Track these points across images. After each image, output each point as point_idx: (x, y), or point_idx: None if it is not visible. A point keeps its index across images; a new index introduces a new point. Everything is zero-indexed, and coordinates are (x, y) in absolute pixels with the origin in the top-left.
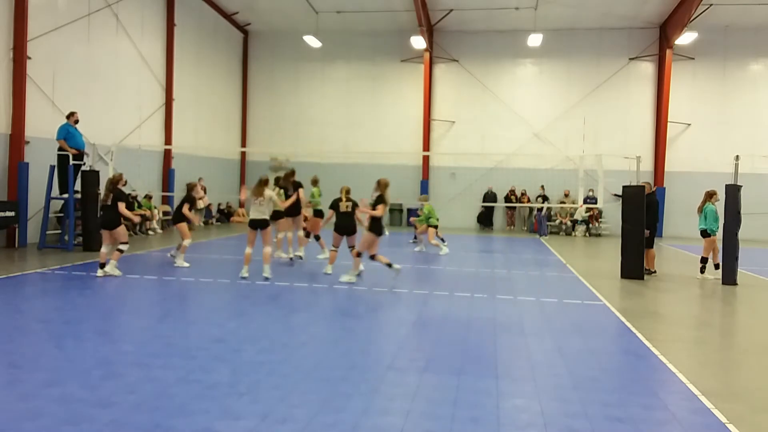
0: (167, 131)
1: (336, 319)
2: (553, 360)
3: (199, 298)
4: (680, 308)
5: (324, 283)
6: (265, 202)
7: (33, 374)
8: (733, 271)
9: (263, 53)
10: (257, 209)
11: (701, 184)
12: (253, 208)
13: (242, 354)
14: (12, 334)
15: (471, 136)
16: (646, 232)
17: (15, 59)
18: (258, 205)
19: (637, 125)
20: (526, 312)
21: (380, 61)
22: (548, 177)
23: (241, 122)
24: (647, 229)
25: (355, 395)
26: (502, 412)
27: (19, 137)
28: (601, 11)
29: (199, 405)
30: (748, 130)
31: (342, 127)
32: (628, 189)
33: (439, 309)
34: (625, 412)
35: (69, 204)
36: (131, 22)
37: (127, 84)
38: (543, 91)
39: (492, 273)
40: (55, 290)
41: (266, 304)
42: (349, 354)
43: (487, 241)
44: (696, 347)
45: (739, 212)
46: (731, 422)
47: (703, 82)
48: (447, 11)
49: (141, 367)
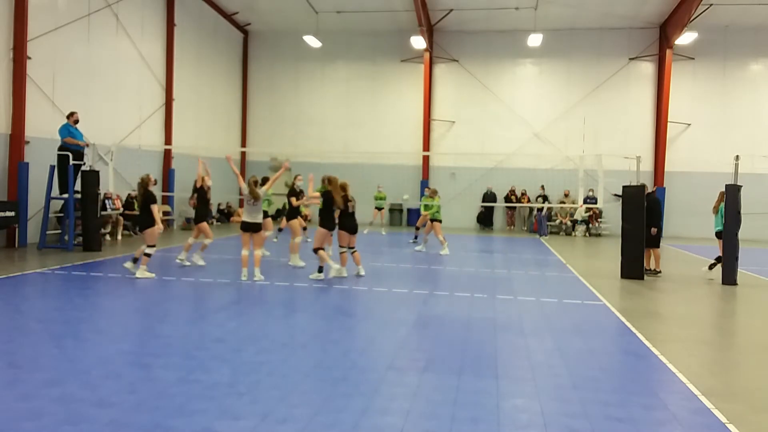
0: (167, 131)
1: (336, 319)
2: (553, 360)
3: (199, 298)
4: (680, 308)
5: (324, 283)
6: (259, 204)
7: (33, 374)
8: (733, 271)
9: (263, 53)
10: (250, 212)
11: (701, 184)
12: (246, 210)
13: (242, 354)
14: (12, 334)
15: (471, 136)
16: (653, 230)
17: (15, 59)
18: (251, 206)
19: (637, 125)
20: (526, 312)
21: (380, 61)
22: (548, 177)
23: (241, 122)
24: (654, 227)
25: (355, 395)
26: (502, 412)
27: (19, 137)
28: (601, 11)
29: (198, 405)
30: (748, 130)
31: (342, 127)
32: (628, 189)
33: (439, 309)
34: (625, 412)
35: (69, 204)
36: (131, 22)
37: (127, 84)
38: (543, 91)
39: (492, 273)
40: (55, 290)
41: (266, 304)
42: (349, 354)
43: (487, 241)
44: (696, 347)
45: (739, 212)
46: (731, 422)
47: (703, 82)
48: (447, 11)
49: (141, 367)
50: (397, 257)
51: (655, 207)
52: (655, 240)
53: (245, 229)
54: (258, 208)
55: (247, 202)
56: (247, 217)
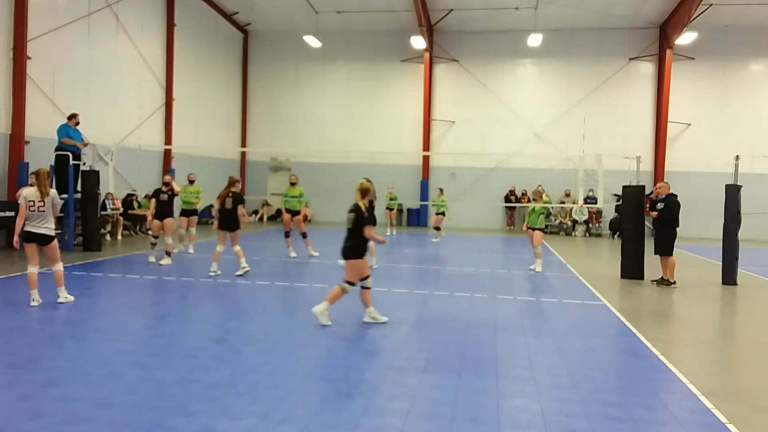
0: (167, 131)
1: (336, 319)
2: (553, 360)
3: (199, 297)
4: (680, 308)
5: (324, 283)
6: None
7: (33, 374)
8: (733, 271)
9: (263, 53)
10: (225, 212)
11: (701, 184)
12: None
13: (242, 354)
14: (12, 334)
15: (471, 136)
16: (677, 229)
17: (15, 59)
18: (225, 207)
19: (637, 125)
20: (526, 312)
21: (380, 61)
22: (548, 177)
23: (241, 122)
24: (669, 232)
25: (355, 395)
26: (502, 412)
27: (19, 137)
28: (601, 11)
29: (198, 405)
30: (748, 130)
31: (342, 127)
32: (628, 189)
33: (439, 309)
34: (625, 412)
35: (69, 204)
36: (131, 22)
37: (127, 84)
38: (543, 91)
39: (492, 273)
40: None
41: (266, 304)
42: (349, 354)
43: (487, 241)
44: (696, 347)
45: (739, 212)
46: (731, 422)
47: (703, 82)
48: (447, 11)
49: (141, 367)
50: (397, 257)
51: (674, 209)
52: (667, 247)
53: (222, 228)
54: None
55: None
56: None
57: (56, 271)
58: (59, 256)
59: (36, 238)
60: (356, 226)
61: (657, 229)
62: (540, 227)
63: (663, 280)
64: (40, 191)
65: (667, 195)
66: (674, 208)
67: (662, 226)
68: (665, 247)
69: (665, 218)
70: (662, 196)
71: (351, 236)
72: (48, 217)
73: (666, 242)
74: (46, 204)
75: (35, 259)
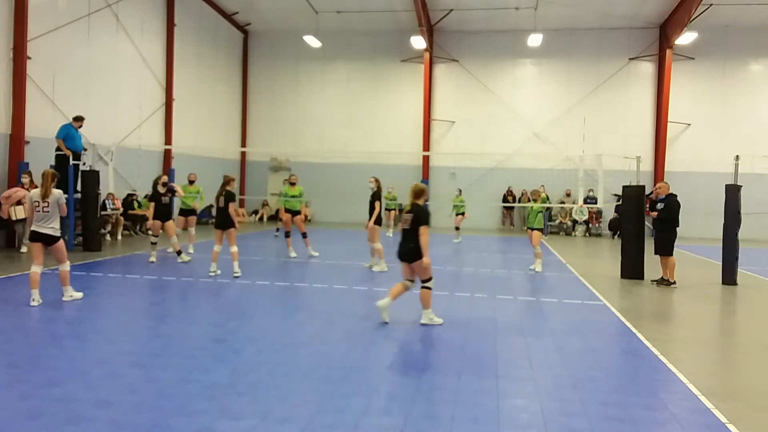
0: (167, 131)
1: (336, 319)
2: (553, 360)
3: (199, 297)
4: (680, 308)
5: (324, 283)
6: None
7: (33, 374)
8: (733, 271)
9: (263, 53)
10: (218, 211)
11: (701, 184)
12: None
13: (242, 354)
14: (12, 334)
15: (471, 136)
16: (677, 229)
17: (15, 59)
18: (218, 206)
19: (637, 125)
20: (526, 312)
21: (380, 61)
22: (548, 177)
23: (241, 122)
24: (669, 232)
25: (355, 395)
26: (502, 412)
27: (19, 137)
28: (601, 11)
29: (198, 405)
30: (748, 130)
31: (342, 127)
32: (628, 189)
33: (439, 309)
34: (625, 412)
35: (69, 204)
36: (131, 22)
37: (127, 84)
38: (543, 91)
39: (492, 273)
40: (54, 290)
41: (266, 304)
42: (349, 354)
43: (487, 241)
44: (696, 347)
45: (739, 212)
46: (731, 422)
47: (703, 82)
48: (447, 11)
49: (141, 367)
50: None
51: (675, 208)
52: (667, 247)
53: (218, 227)
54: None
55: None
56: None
57: (62, 270)
58: (66, 257)
59: (41, 238)
60: (414, 225)
61: (657, 229)
62: (538, 227)
63: (663, 280)
64: (41, 192)
65: (667, 195)
66: (674, 208)
67: (662, 226)
68: (665, 247)
69: (665, 218)
70: (662, 196)
71: (411, 237)
72: (52, 217)
73: (666, 242)
74: (50, 205)
75: (39, 258)
